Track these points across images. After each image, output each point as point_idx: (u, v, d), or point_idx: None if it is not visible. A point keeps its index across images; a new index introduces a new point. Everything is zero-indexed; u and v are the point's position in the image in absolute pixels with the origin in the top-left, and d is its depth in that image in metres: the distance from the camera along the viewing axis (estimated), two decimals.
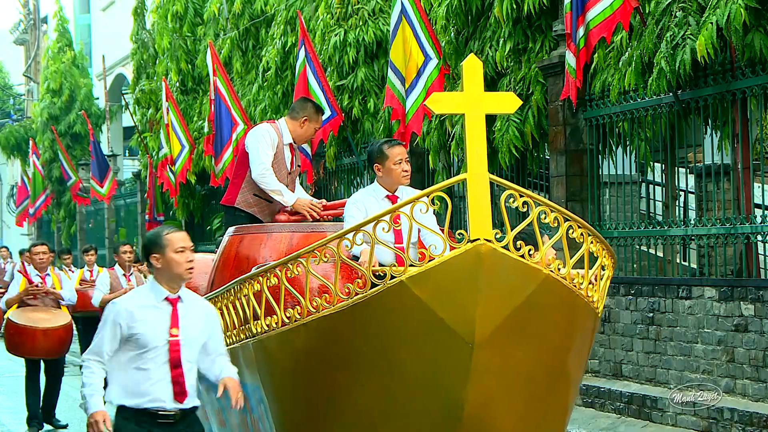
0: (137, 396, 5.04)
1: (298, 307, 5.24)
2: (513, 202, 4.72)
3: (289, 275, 5.35)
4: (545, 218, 4.82)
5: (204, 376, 5.33)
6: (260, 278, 5.60)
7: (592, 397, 9.34)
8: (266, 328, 5.46)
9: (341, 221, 6.60)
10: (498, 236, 4.60)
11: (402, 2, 10.49)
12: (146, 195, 21.07)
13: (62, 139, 26.77)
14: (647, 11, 8.63)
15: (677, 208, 10.02)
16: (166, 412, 5.05)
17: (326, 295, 5.10)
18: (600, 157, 9.94)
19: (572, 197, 9.94)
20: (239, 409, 5.18)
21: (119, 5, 27.86)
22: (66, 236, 28.97)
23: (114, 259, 24.20)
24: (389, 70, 11.03)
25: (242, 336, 5.81)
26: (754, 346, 7.96)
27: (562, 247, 4.96)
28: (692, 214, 10.26)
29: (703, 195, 9.67)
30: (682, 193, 10.74)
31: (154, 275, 5.17)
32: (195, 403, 5.20)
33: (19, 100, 38.99)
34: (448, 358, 4.70)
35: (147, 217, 20.98)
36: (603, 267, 5.31)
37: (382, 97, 12.01)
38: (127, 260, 11.24)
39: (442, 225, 5.69)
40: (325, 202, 7.37)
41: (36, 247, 10.69)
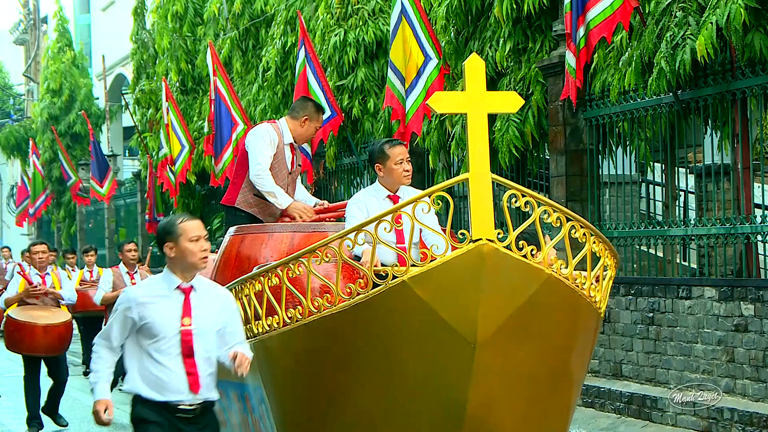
0: (154, 386, 4.96)
1: (299, 307, 5.24)
2: (515, 201, 4.71)
3: (290, 275, 5.34)
4: (547, 218, 4.81)
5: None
6: (261, 278, 5.60)
7: (592, 397, 9.34)
8: (267, 328, 5.46)
9: (342, 221, 6.60)
10: (500, 236, 4.59)
11: (402, 2, 10.49)
12: (146, 195, 21.07)
13: (62, 139, 26.76)
14: (647, 11, 8.63)
15: (677, 208, 10.03)
16: (185, 406, 4.98)
17: (328, 295, 5.09)
18: (600, 157, 9.94)
19: (572, 197, 9.94)
20: (240, 374, 5.04)
21: (119, 5, 27.85)
22: (66, 236, 28.95)
23: (114, 259, 24.24)
24: (389, 70, 11.03)
25: None
26: (754, 346, 7.96)
27: (563, 247, 4.95)
28: (692, 214, 10.26)
29: (703, 195, 9.67)
30: (682, 193, 10.74)
31: (167, 264, 5.07)
32: (213, 396, 5.12)
33: (19, 100, 38.98)
34: (450, 359, 4.69)
35: (147, 217, 20.97)
36: (605, 267, 5.30)
37: (382, 97, 12.00)
38: (131, 259, 11.25)
39: (443, 225, 5.69)
40: (327, 204, 7.37)
41: (35, 246, 10.66)
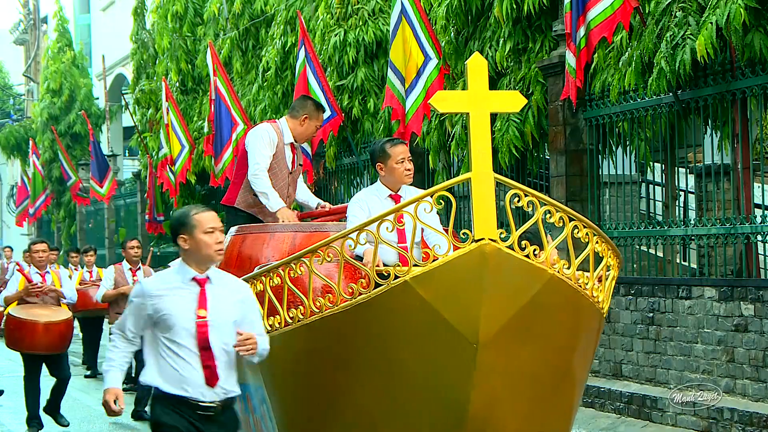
0: (171, 379, 4.85)
1: (301, 307, 5.24)
2: (518, 201, 4.69)
3: (292, 275, 5.34)
4: (550, 218, 4.79)
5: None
6: (263, 278, 5.59)
7: (592, 397, 9.34)
8: (269, 328, 5.45)
9: (343, 222, 6.60)
10: (503, 236, 4.58)
11: (402, 2, 10.49)
12: (146, 195, 21.06)
13: (62, 139, 26.75)
14: (647, 11, 8.63)
15: (677, 208, 10.03)
16: (206, 403, 4.87)
17: (329, 295, 5.09)
18: (600, 157, 9.94)
19: (572, 197, 9.94)
20: (241, 351, 4.88)
21: (119, 5, 27.84)
22: (66, 236, 28.94)
23: (114, 259, 24.23)
24: (389, 70, 11.02)
25: None
26: (754, 346, 7.96)
27: (564, 247, 4.94)
28: (692, 214, 10.26)
29: (703, 195, 9.67)
30: (682, 193, 10.74)
31: (182, 256, 4.99)
32: (234, 390, 5.00)
33: (19, 100, 38.97)
34: (453, 359, 4.68)
35: (147, 217, 20.97)
36: (608, 267, 5.29)
37: (382, 97, 12.00)
38: (134, 256, 11.22)
39: (445, 224, 5.68)
40: (328, 206, 7.35)
41: (35, 245, 10.64)
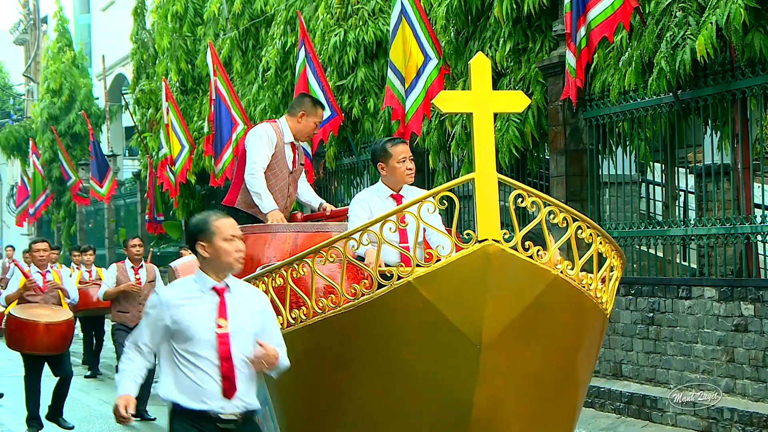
0: (189, 392, 4.72)
1: (303, 308, 5.21)
2: (521, 201, 4.68)
3: (294, 276, 5.31)
4: (554, 218, 4.78)
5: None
6: (265, 279, 5.56)
7: (592, 397, 9.33)
8: None
9: (344, 222, 6.59)
10: (506, 236, 4.55)
11: (402, 2, 10.48)
12: (146, 195, 21.07)
13: (62, 139, 26.76)
14: (647, 11, 8.63)
15: (677, 208, 10.02)
16: (226, 416, 4.73)
17: (332, 295, 5.06)
18: (600, 157, 9.94)
19: (572, 197, 9.93)
20: (260, 367, 4.77)
21: (119, 5, 27.85)
22: (66, 236, 28.95)
23: (114, 259, 24.22)
24: (389, 70, 11.02)
25: None
26: (754, 346, 7.96)
27: (563, 247, 4.93)
28: (692, 214, 10.25)
29: (703, 195, 9.67)
30: (682, 193, 10.73)
31: (200, 264, 4.85)
32: (253, 404, 4.86)
33: (19, 100, 38.99)
34: (456, 360, 4.65)
35: (147, 217, 20.99)
36: (612, 268, 5.27)
37: (382, 97, 12.00)
38: (136, 254, 11.19)
39: (447, 225, 5.66)
40: (330, 208, 7.32)
41: (36, 244, 10.63)
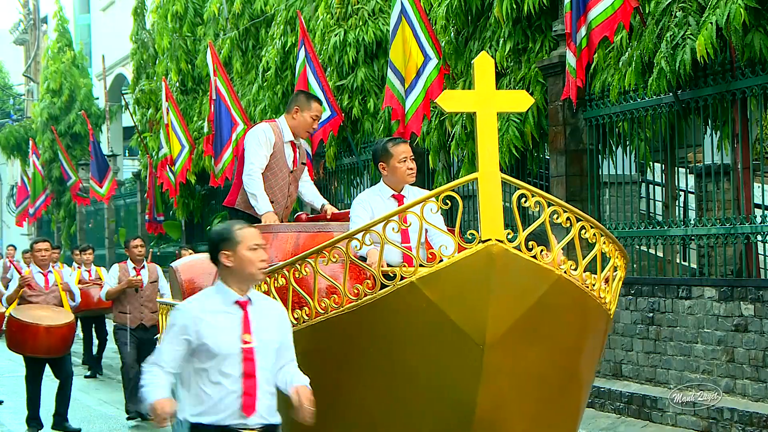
0: (210, 411, 4.55)
1: (306, 308, 5.20)
2: (525, 201, 4.67)
3: (297, 276, 5.30)
4: (557, 218, 4.77)
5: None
6: (267, 279, 5.53)
7: (592, 397, 9.32)
8: None
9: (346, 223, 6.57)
10: (510, 236, 4.55)
11: (402, 2, 10.48)
12: (146, 195, 21.07)
13: (62, 139, 26.76)
14: (647, 11, 8.63)
15: (677, 208, 10.02)
16: (248, 429, 4.59)
17: (335, 296, 5.06)
18: (600, 157, 9.93)
19: (572, 197, 9.93)
20: (310, 422, 4.61)
21: (119, 5, 27.85)
22: (66, 236, 28.95)
23: (113, 259, 24.20)
24: (389, 70, 11.01)
25: None
26: (754, 346, 7.96)
27: (566, 248, 4.92)
28: (692, 214, 10.25)
29: (703, 195, 9.66)
30: (682, 193, 10.73)
31: (221, 275, 4.69)
32: (274, 420, 4.69)
33: (19, 100, 38.99)
34: (459, 360, 4.65)
35: (147, 217, 20.98)
36: (615, 268, 5.27)
37: (382, 97, 12.00)
38: (138, 255, 11.12)
39: (449, 225, 5.65)
40: (333, 211, 7.31)
41: (38, 244, 10.63)
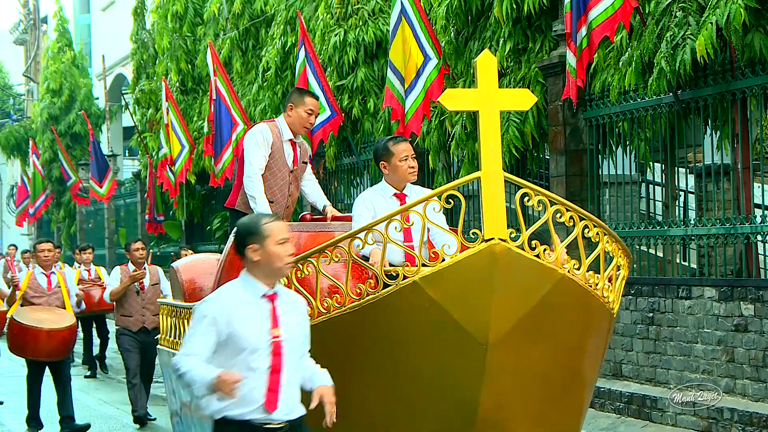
0: (235, 406, 4.49)
1: (308, 308, 5.19)
2: (528, 201, 4.66)
3: (299, 275, 5.28)
4: (560, 217, 4.76)
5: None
6: None
7: (592, 396, 9.32)
8: None
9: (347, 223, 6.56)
10: (512, 236, 4.54)
11: (402, 2, 10.47)
12: (146, 195, 21.07)
13: (62, 139, 26.76)
14: (647, 11, 8.63)
15: (677, 208, 10.01)
16: (273, 426, 4.54)
17: (337, 295, 5.05)
18: (600, 157, 9.93)
19: (572, 197, 9.92)
20: (330, 426, 4.57)
21: (119, 5, 27.86)
22: (66, 236, 28.95)
23: (113, 258, 24.19)
24: (389, 70, 11.01)
25: None
26: (754, 346, 7.95)
27: (572, 247, 4.91)
28: (692, 214, 10.25)
29: (703, 195, 9.66)
30: (682, 193, 10.73)
31: (247, 269, 4.62)
32: (300, 411, 4.64)
33: (19, 100, 39.00)
34: (462, 360, 4.64)
35: (147, 217, 20.98)
36: (618, 267, 5.26)
37: (382, 97, 11.99)
38: (139, 258, 11.05)
39: (451, 224, 5.64)
40: (335, 213, 7.30)
41: (41, 245, 10.61)
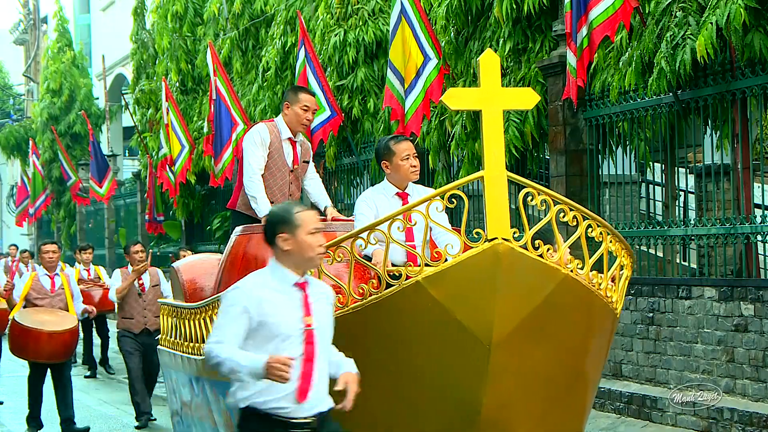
0: (265, 393, 4.41)
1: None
2: (531, 200, 4.65)
3: None
4: (563, 217, 4.76)
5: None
6: None
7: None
8: None
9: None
10: (516, 235, 4.54)
11: (402, 2, 10.47)
12: (146, 195, 21.07)
13: (62, 139, 26.76)
14: (647, 11, 8.63)
15: (677, 208, 10.02)
16: (299, 420, 4.45)
17: (339, 295, 5.03)
18: (600, 157, 9.93)
19: (572, 197, 9.86)
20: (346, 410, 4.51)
21: (119, 5, 27.85)
22: (66, 236, 28.95)
23: (113, 258, 24.18)
24: (388, 70, 11.01)
25: None
26: (754, 346, 7.96)
27: (576, 246, 4.91)
28: (692, 214, 10.25)
29: (703, 195, 9.66)
30: (682, 193, 10.73)
31: (276, 257, 4.53)
32: (329, 403, 4.59)
33: (19, 100, 39.00)
34: (465, 360, 4.64)
35: (147, 217, 20.99)
36: (621, 267, 5.25)
37: (381, 97, 11.99)
38: (138, 260, 11.03)
39: (452, 224, 5.64)
40: (335, 215, 7.30)
41: (46, 246, 10.59)
